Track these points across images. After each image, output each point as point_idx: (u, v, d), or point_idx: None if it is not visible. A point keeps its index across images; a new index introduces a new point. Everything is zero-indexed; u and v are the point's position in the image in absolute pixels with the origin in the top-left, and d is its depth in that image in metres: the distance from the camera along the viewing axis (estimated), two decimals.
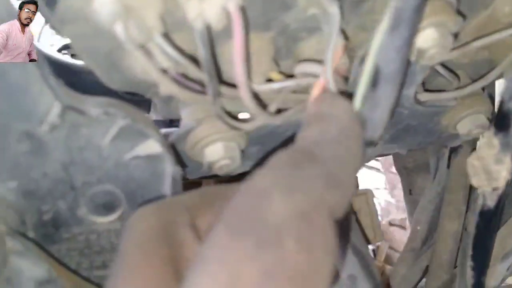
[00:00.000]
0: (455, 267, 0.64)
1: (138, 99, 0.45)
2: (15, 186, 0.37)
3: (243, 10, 0.33)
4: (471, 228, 0.53)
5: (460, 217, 0.66)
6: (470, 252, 0.54)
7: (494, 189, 0.44)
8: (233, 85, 0.38)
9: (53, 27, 0.33)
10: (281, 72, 0.42)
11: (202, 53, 0.33)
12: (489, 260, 0.54)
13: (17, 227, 0.37)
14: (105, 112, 0.36)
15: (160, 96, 0.43)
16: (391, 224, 2.05)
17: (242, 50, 0.34)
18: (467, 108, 0.54)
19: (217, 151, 0.43)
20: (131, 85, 0.40)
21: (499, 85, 0.61)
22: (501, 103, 0.41)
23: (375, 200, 0.75)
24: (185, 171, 0.42)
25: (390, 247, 1.81)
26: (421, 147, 0.69)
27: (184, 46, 0.37)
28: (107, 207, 0.40)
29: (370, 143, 0.36)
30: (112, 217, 0.41)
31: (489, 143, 0.43)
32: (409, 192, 0.85)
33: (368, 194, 0.68)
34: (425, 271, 0.72)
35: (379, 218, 0.98)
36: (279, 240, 0.23)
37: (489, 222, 0.50)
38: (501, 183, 0.43)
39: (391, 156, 0.95)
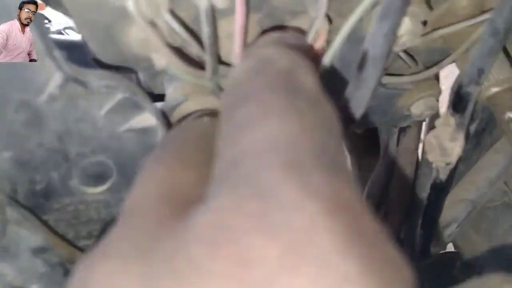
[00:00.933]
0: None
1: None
2: (10, 156, 0.37)
3: None
4: (421, 200, 0.58)
5: (407, 191, 0.73)
6: (420, 221, 0.60)
7: (447, 164, 0.50)
8: (224, 63, 0.41)
9: None
10: None
11: (205, 31, 0.35)
12: (436, 228, 0.61)
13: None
14: (107, 85, 0.36)
15: (149, 71, 0.44)
16: None
17: (243, 27, 0.36)
18: (421, 92, 0.59)
19: None
20: (124, 59, 0.41)
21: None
22: (459, 86, 0.46)
23: None
24: None
25: None
26: (375, 126, 0.75)
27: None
28: (98, 178, 0.41)
29: (352, 121, 0.40)
30: (103, 187, 0.41)
31: (445, 122, 0.48)
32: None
33: None
34: None
35: None
36: None
37: (439, 193, 0.56)
38: (454, 159, 0.49)
39: None
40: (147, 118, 0.40)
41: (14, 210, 0.35)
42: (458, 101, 0.47)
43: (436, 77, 0.66)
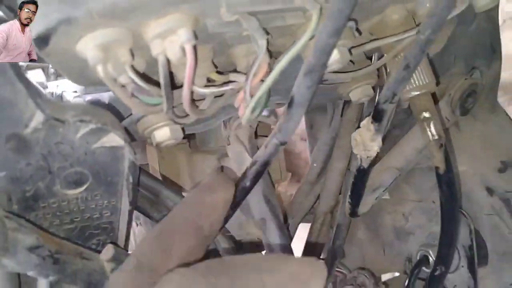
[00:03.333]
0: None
1: None
2: (4, 175, 0.45)
3: (195, 48, 0.43)
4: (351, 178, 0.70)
5: (346, 158, 0.84)
6: (349, 192, 0.72)
7: (368, 156, 0.60)
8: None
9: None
10: (218, 72, 0.53)
11: (162, 81, 0.43)
12: (361, 199, 0.73)
13: (5, 203, 0.47)
14: (81, 120, 0.45)
15: None
16: None
17: (191, 79, 0.43)
18: (358, 82, 0.67)
19: (165, 134, 0.53)
20: (95, 83, 0.48)
21: None
22: (377, 103, 0.56)
23: None
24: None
25: None
26: (321, 104, 0.84)
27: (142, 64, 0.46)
28: (77, 183, 0.50)
29: (283, 143, 0.49)
30: (80, 189, 0.51)
31: (367, 127, 0.58)
32: (311, 126, 1.01)
33: None
34: (317, 199, 0.92)
35: None
36: None
37: (362, 177, 0.67)
38: (373, 153, 0.59)
39: None
40: (115, 138, 0.48)
41: (11, 220, 0.44)
42: (377, 113, 0.56)
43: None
